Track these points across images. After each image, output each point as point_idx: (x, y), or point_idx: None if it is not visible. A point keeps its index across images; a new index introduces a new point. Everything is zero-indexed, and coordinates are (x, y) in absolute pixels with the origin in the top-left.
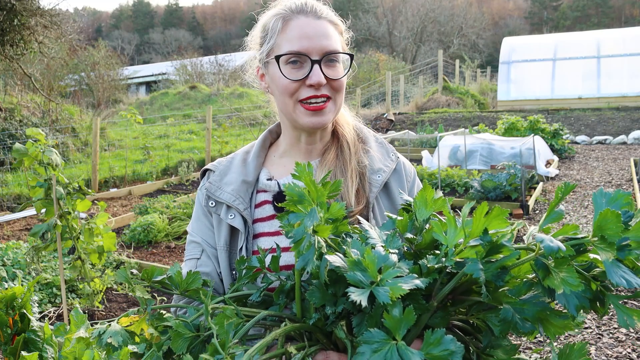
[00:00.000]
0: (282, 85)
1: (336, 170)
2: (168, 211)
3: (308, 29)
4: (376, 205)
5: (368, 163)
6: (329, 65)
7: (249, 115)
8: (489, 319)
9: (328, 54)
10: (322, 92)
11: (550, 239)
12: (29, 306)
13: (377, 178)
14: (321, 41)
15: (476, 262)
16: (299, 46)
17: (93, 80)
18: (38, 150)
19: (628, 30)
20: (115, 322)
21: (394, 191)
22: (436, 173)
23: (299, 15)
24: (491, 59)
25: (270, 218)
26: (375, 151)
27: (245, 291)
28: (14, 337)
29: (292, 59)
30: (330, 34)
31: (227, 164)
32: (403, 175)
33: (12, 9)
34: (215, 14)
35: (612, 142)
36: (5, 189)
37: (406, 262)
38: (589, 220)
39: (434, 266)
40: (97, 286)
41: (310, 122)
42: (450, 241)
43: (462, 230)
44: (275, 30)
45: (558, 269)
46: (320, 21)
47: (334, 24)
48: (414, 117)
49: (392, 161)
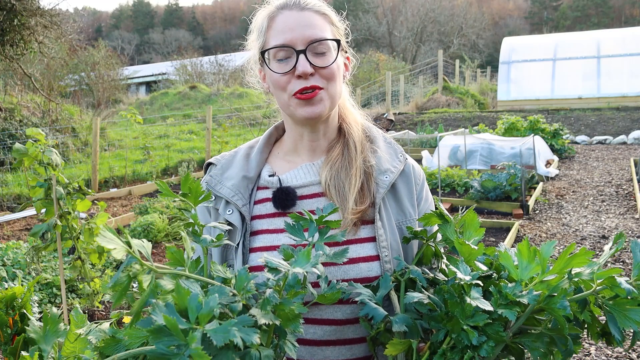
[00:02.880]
0: (274, 81)
1: (341, 168)
2: (168, 211)
3: (291, 20)
4: (382, 206)
5: (375, 163)
6: (317, 55)
7: (249, 115)
8: (525, 342)
9: (312, 42)
10: (312, 82)
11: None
12: (29, 306)
13: (384, 178)
14: (304, 31)
15: (564, 300)
16: (283, 39)
17: (93, 80)
18: (38, 150)
19: (628, 30)
20: (106, 323)
21: (402, 193)
22: (436, 173)
23: (282, 11)
24: (491, 59)
25: (270, 216)
26: (384, 151)
27: None
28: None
29: (279, 53)
30: (316, 23)
31: (230, 158)
32: (412, 178)
33: (12, 9)
34: (215, 14)
35: (612, 142)
36: (5, 189)
37: (477, 290)
38: (588, 221)
39: (514, 299)
40: (97, 286)
41: (305, 112)
42: (524, 275)
43: (539, 266)
44: (262, 29)
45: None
46: (304, 12)
47: (321, 14)
48: (414, 117)
49: (400, 162)
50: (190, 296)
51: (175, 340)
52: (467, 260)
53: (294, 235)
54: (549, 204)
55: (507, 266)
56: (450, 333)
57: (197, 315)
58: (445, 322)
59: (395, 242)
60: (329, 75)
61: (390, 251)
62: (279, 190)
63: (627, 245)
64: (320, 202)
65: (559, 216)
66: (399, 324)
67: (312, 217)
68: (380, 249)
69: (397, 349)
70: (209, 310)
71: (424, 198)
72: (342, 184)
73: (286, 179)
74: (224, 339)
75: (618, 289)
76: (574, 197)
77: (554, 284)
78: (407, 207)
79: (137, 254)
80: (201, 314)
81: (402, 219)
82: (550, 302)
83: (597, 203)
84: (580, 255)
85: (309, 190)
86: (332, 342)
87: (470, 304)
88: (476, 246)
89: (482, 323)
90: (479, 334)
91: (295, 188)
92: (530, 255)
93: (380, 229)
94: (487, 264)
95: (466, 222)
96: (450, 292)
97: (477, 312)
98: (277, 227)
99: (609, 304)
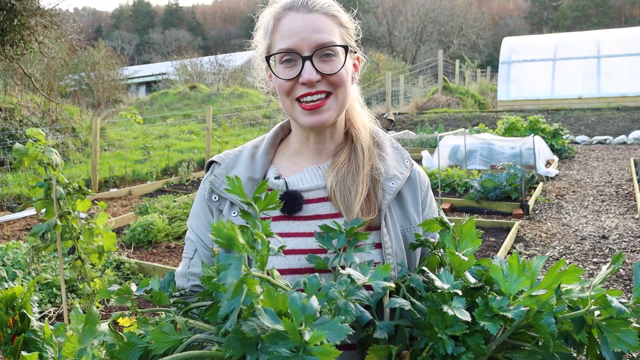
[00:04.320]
0: (278, 85)
1: (347, 175)
2: (168, 211)
3: (297, 24)
4: (388, 213)
5: (384, 170)
6: (324, 60)
7: (249, 115)
8: (516, 359)
9: (319, 48)
10: (318, 88)
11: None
12: (29, 306)
13: (391, 185)
14: (311, 36)
15: (549, 316)
16: (288, 44)
17: (93, 80)
18: (38, 150)
19: (628, 30)
20: (105, 323)
21: (407, 200)
22: (436, 173)
23: (289, 12)
24: (491, 59)
25: (277, 219)
26: (391, 157)
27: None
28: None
29: (285, 57)
30: (323, 26)
31: (235, 158)
32: (417, 185)
33: (12, 9)
34: (215, 14)
35: (612, 142)
36: (5, 189)
37: (460, 300)
38: (588, 221)
39: (499, 312)
40: (97, 286)
41: (309, 122)
42: (512, 289)
43: (528, 280)
44: (268, 29)
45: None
46: (312, 15)
47: (331, 16)
48: (414, 117)
49: (407, 168)
50: (291, 299)
51: (290, 343)
52: (457, 270)
53: (322, 244)
54: (549, 204)
55: (496, 279)
56: (429, 341)
57: (303, 317)
58: (426, 330)
59: (399, 248)
60: (337, 81)
61: (395, 258)
62: (286, 195)
63: (627, 248)
64: (326, 207)
65: (559, 216)
66: (381, 331)
67: (342, 229)
68: (385, 255)
69: (377, 355)
70: (313, 312)
71: (428, 205)
72: (348, 190)
73: (292, 182)
74: (338, 335)
75: (610, 309)
76: (574, 197)
77: (543, 299)
78: (412, 213)
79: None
80: (306, 315)
81: (407, 226)
82: (538, 317)
83: (597, 203)
84: (570, 272)
85: (315, 195)
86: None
87: (448, 313)
88: (468, 257)
89: (459, 333)
90: (457, 344)
91: (301, 192)
92: (520, 269)
93: (385, 236)
94: (480, 275)
95: (463, 232)
96: (432, 300)
97: (458, 322)
98: (282, 231)
99: (603, 325)
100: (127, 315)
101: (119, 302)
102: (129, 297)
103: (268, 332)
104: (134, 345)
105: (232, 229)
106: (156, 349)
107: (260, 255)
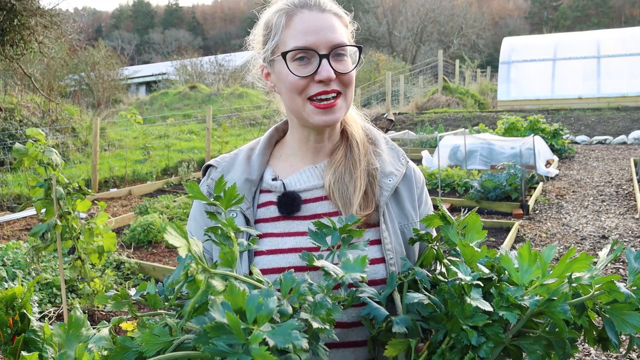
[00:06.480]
0: (290, 83)
1: (344, 172)
2: (168, 211)
3: (313, 22)
4: (386, 209)
5: (379, 166)
6: (337, 60)
7: (249, 115)
8: (523, 345)
9: (336, 47)
10: (332, 87)
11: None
12: (29, 306)
13: (388, 182)
14: (327, 35)
15: (565, 304)
16: (305, 41)
17: (93, 80)
18: (38, 150)
19: (628, 30)
20: (105, 328)
21: (404, 196)
22: (436, 173)
23: (302, 10)
24: (491, 59)
25: (275, 219)
26: (386, 154)
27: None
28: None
29: (299, 54)
30: (336, 27)
31: (230, 161)
32: (413, 182)
33: (12, 9)
34: (215, 14)
35: (612, 142)
36: (5, 189)
37: (478, 291)
38: (588, 221)
39: (516, 302)
40: (97, 286)
41: (321, 121)
42: (524, 279)
43: (539, 269)
44: (279, 26)
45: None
46: (325, 14)
47: (339, 17)
48: (414, 117)
49: (403, 165)
50: (249, 297)
51: (233, 339)
52: (469, 262)
53: (316, 241)
54: (549, 204)
55: (508, 269)
56: (450, 333)
57: (256, 316)
58: (444, 322)
59: (398, 244)
60: (348, 81)
61: (395, 253)
62: (284, 196)
63: (627, 245)
64: (324, 206)
65: (559, 216)
66: (399, 325)
67: (336, 225)
68: (385, 251)
69: (397, 349)
70: (268, 312)
71: (424, 201)
72: (346, 187)
73: (289, 182)
74: (284, 341)
75: (617, 294)
76: (574, 197)
77: (553, 287)
78: (409, 210)
79: (196, 253)
80: (260, 315)
81: (404, 222)
82: (551, 305)
83: (597, 203)
84: (581, 259)
85: (312, 194)
86: (337, 345)
87: (470, 304)
88: (479, 248)
89: (481, 323)
90: (478, 334)
91: (299, 192)
92: (531, 259)
93: (384, 232)
94: (489, 266)
95: (469, 224)
96: (450, 293)
97: (477, 312)
98: (281, 231)
99: (607, 308)
100: (125, 319)
101: (116, 307)
102: (127, 302)
103: (211, 324)
104: (128, 349)
105: (184, 234)
106: (147, 351)
107: (223, 253)
